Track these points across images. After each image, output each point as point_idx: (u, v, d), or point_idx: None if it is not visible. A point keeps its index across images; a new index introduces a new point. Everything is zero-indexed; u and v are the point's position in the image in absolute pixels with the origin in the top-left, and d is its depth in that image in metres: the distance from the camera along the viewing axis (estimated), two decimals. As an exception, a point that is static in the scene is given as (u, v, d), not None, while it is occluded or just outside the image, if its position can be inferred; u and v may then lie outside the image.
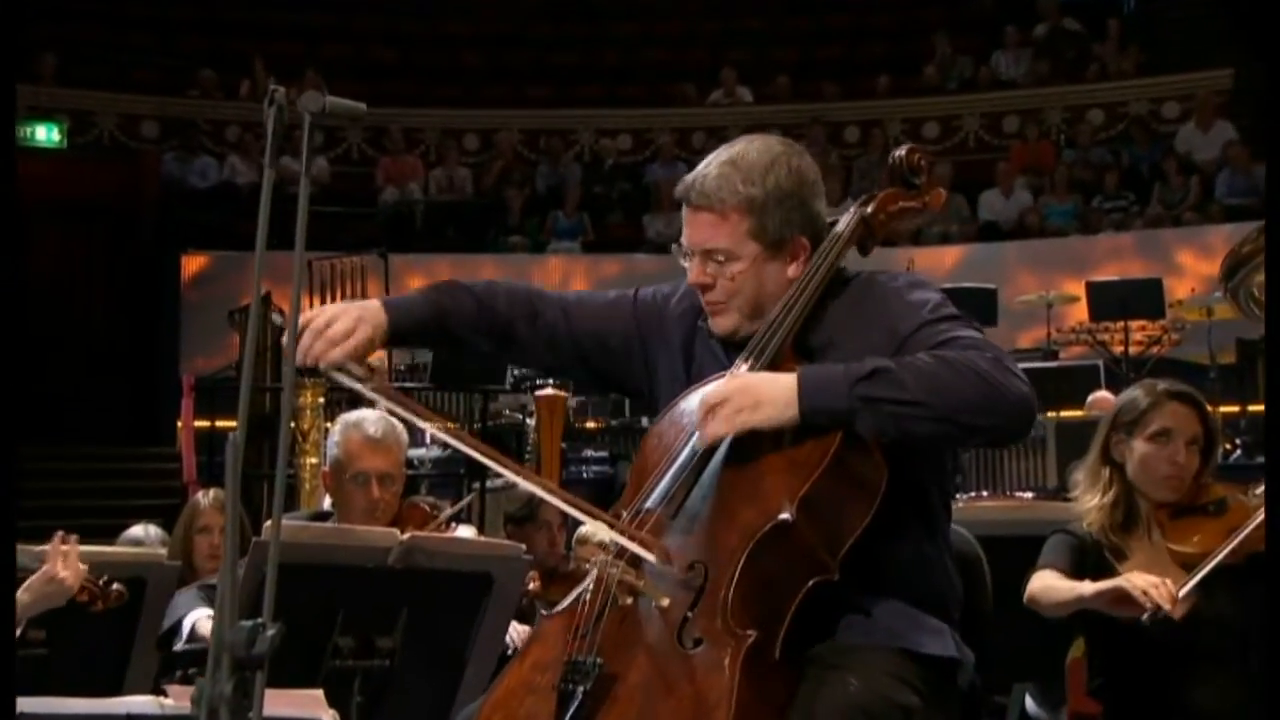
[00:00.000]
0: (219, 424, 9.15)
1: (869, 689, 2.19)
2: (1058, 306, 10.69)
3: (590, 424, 9.65)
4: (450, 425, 2.47)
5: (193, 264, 12.14)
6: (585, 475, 9.14)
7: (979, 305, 10.21)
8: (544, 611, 2.39)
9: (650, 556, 2.22)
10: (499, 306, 2.55)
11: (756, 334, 2.38)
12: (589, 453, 9.61)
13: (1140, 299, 10.12)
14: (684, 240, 2.43)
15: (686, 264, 2.44)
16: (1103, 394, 7.73)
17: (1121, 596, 2.98)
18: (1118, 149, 13.52)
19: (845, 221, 2.48)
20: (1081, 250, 12.23)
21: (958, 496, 6.79)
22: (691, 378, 2.48)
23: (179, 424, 9.16)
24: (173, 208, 12.65)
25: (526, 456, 7.67)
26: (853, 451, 2.21)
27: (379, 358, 10.48)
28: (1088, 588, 3.07)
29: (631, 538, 2.24)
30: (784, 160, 2.42)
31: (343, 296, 9.90)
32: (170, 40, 14.35)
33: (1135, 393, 3.35)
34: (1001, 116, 14.19)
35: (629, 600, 2.24)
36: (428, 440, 9.86)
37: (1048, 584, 3.15)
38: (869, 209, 2.51)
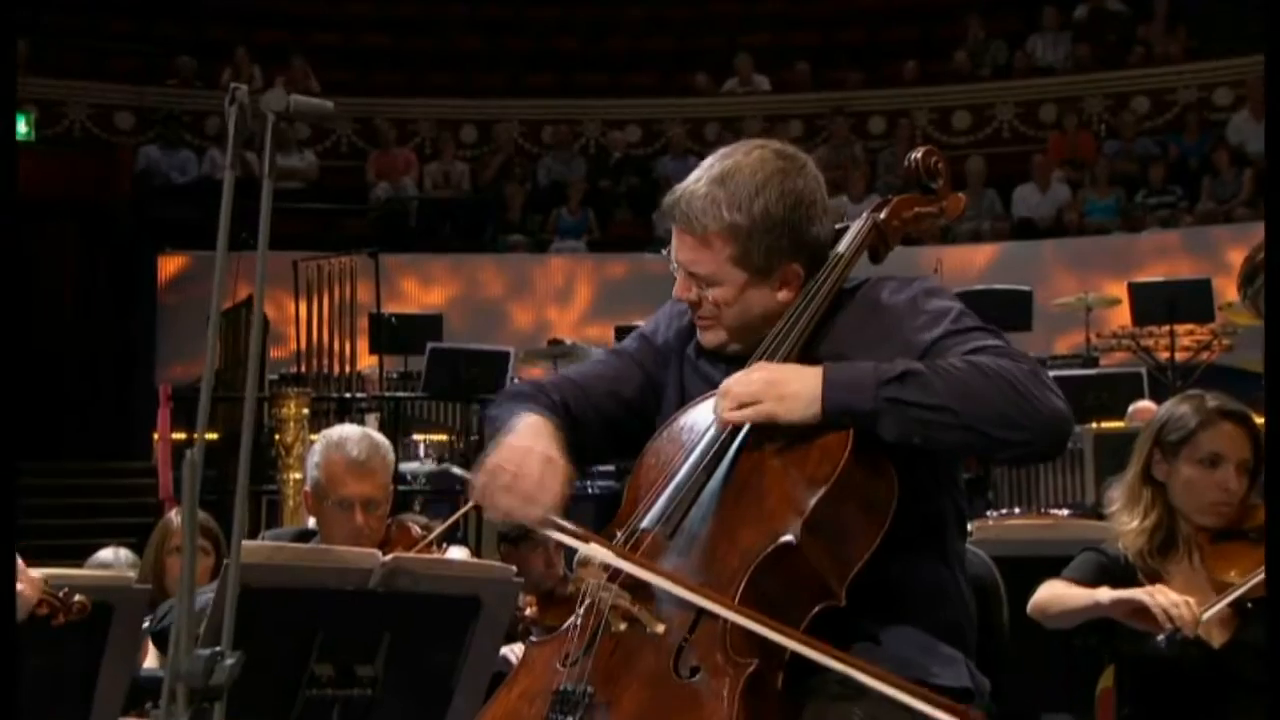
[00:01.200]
0: (198, 436, 9.17)
1: (878, 718, 2.19)
2: (1098, 309, 10.69)
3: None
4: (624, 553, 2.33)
5: (170, 265, 12.19)
6: (591, 491, 9.16)
7: (1012, 308, 10.23)
8: (533, 638, 2.41)
9: (650, 577, 2.23)
10: (556, 397, 2.53)
11: (761, 345, 2.40)
12: (595, 468, 9.63)
13: (1187, 301, 10.11)
14: (674, 255, 2.46)
15: (675, 273, 2.48)
16: (1145, 404, 7.72)
17: (1140, 610, 2.99)
18: (1164, 140, 13.51)
19: (857, 227, 2.51)
20: (1124, 249, 12.22)
21: (987, 514, 6.81)
22: (685, 397, 2.51)
23: (155, 436, 9.20)
24: (149, 204, 12.70)
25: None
26: (862, 470, 2.23)
27: (370, 365, 10.53)
28: (1105, 594, 3.07)
29: (626, 559, 2.26)
30: (778, 182, 2.41)
31: (331, 299, 9.93)
32: (147, 25, 14.42)
33: (1182, 409, 3.30)
34: (1038, 105, 14.19)
35: (622, 626, 2.26)
36: (421, 454, 9.91)
37: (1057, 592, 3.15)
38: (883, 214, 2.53)
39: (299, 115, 1.96)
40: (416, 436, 10.12)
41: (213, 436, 9.46)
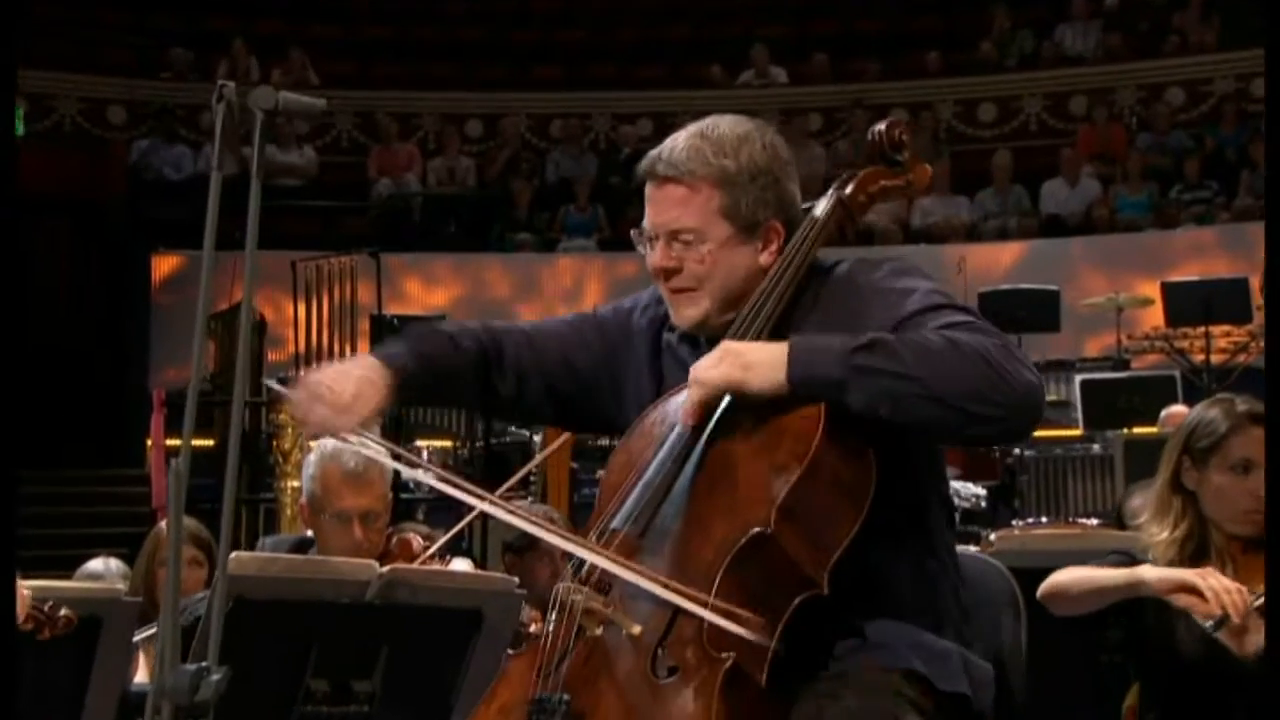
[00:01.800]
0: (194, 442, 9.20)
1: (871, 709, 2.22)
2: (1130, 310, 10.68)
3: (604, 441, 9.69)
4: (492, 498, 2.49)
5: (164, 265, 12.22)
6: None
7: (1040, 308, 10.23)
8: (509, 650, 2.43)
9: (620, 570, 2.25)
10: (469, 345, 2.61)
11: (731, 328, 2.42)
12: (603, 473, 9.66)
13: (1224, 301, 10.09)
14: (646, 223, 2.48)
15: (648, 250, 2.48)
16: (1179, 409, 7.71)
17: (1188, 589, 2.97)
18: (1199, 132, 13.48)
19: (822, 206, 2.51)
20: (1157, 247, 12.21)
21: (1013, 523, 6.81)
22: (660, 392, 2.53)
23: (148, 443, 9.22)
24: (142, 202, 12.73)
25: (532, 478, 7.71)
26: (835, 453, 2.24)
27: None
28: (1150, 572, 3.05)
29: (592, 552, 2.30)
30: (757, 135, 2.49)
31: (330, 300, 9.95)
32: (140, 16, 14.46)
33: (1211, 413, 3.28)
34: (1067, 97, 14.18)
35: (598, 630, 2.27)
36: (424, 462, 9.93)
37: (1084, 572, 3.14)
38: (847, 190, 2.54)
39: (289, 113, 1.98)
40: (420, 443, 10.14)
41: (209, 443, 9.50)
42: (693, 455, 2.33)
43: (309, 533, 3.83)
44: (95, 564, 5.03)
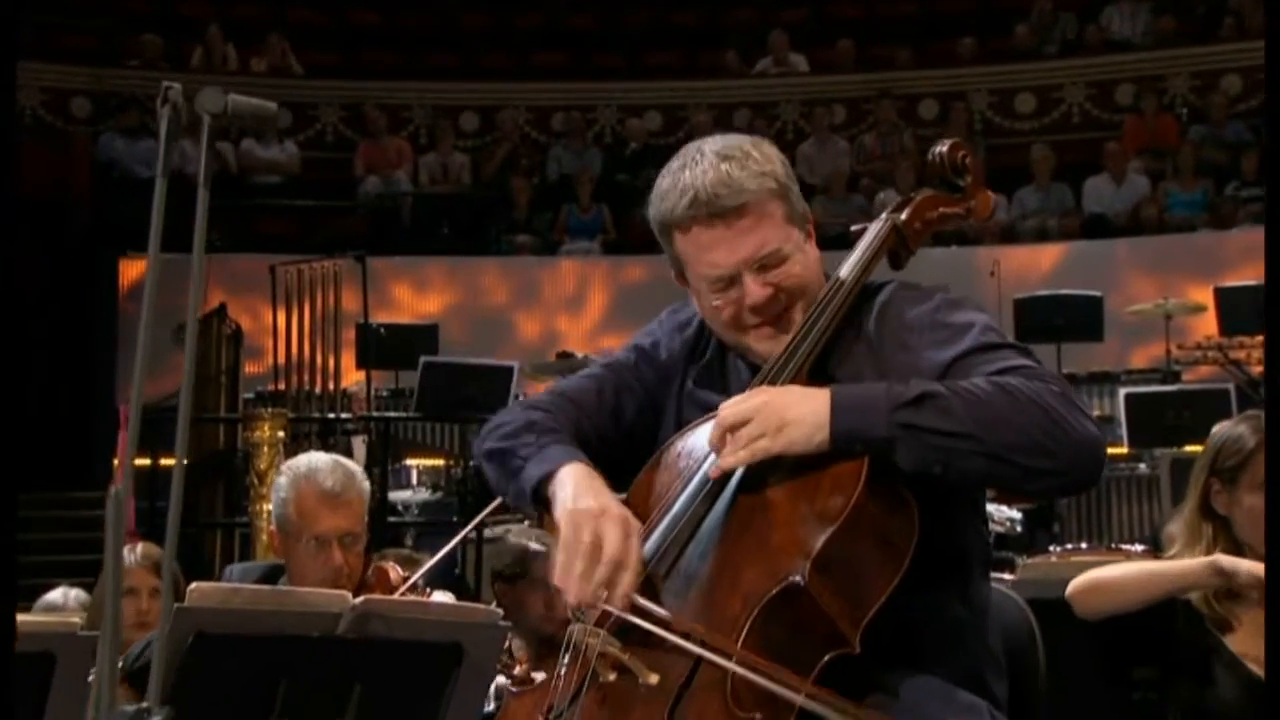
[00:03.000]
0: (165, 462, 9.24)
1: None
2: (1180, 317, 10.66)
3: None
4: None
5: (133, 269, 12.24)
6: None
7: (1081, 316, 10.24)
8: (512, 689, 2.43)
9: (641, 622, 2.25)
10: (565, 422, 2.57)
11: (765, 365, 2.44)
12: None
13: (1282, 308, 10.06)
14: (713, 268, 2.45)
15: (719, 297, 2.47)
16: (1232, 425, 7.70)
17: (1259, 584, 2.96)
18: (1258, 124, 13.47)
19: (875, 229, 2.55)
20: (1210, 248, 12.20)
21: (1050, 548, 6.80)
22: (683, 423, 2.55)
23: (115, 462, 9.25)
24: (109, 201, 12.77)
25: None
26: (878, 502, 2.25)
27: (356, 382, 10.57)
28: (1226, 561, 3.02)
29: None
30: (753, 140, 2.55)
31: (312, 308, 9.98)
32: (107, -1, 14.55)
33: (1239, 430, 3.29)
34: (1113, 86, 14.18)
35: (612, 676, 2.28)
36: (413, 481, 9.94)
37: (1128, 568, 3.14)
38: (903, 215, 2.57)
39: (238, 117, 1.99)
40: (409, 461, 10.16)
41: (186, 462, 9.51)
42: (724, 494, 2.34)
43: (280, 560, 3.85)
44: (54, 595, 5.05)
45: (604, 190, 13.69)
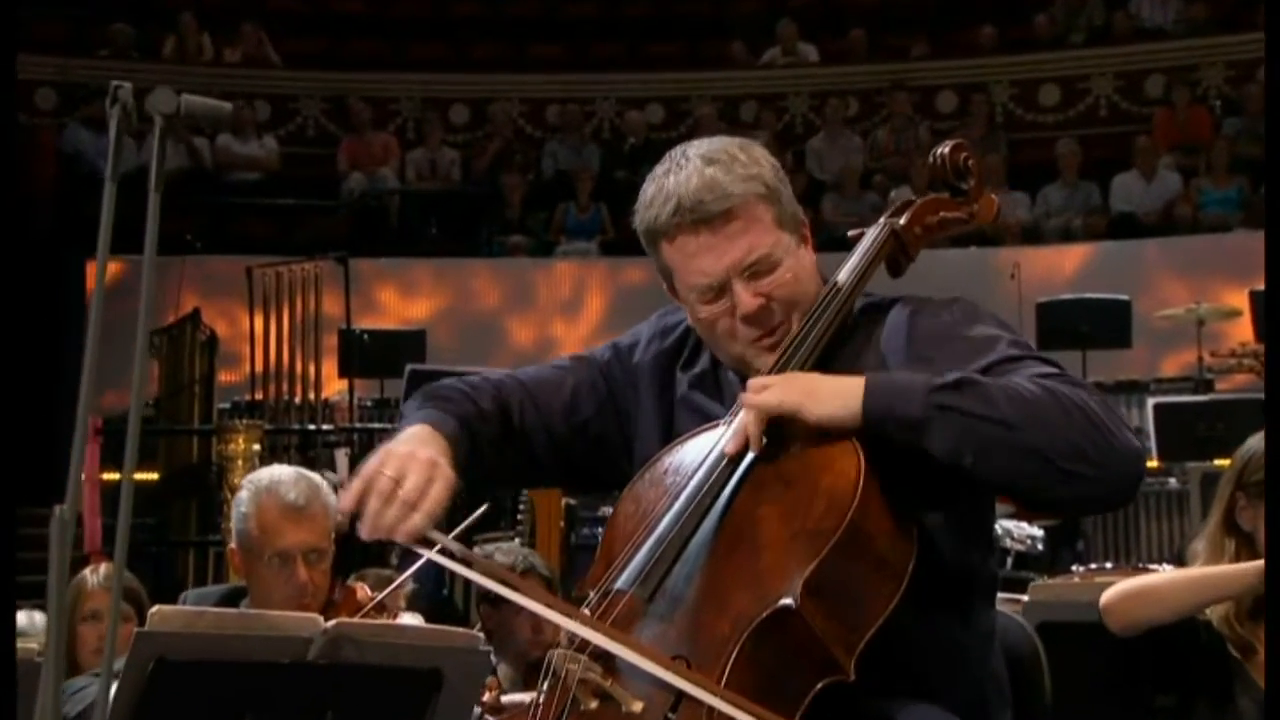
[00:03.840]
0: (136, 477, 9.24)
1: None
2: (1213, 323, 10.66)
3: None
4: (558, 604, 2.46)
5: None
6: (600, 538, 9.20)
7: (1108, 321, 10.25)
8: (489, 717, 2.44)
9: (621, 650, 2.26)
10: (488, 406, 2.61)
11: (771, 366, 2.45)
12: (606, 510, 9.65)
13: (1323, 312, 10.07)
14: (701, 276, 2.47)
15: (709, 308, 2.48)
16: (1267, 436, 7.69)
17: None
18: (1296, 117, 13.48)
19: (873, 235, 2.56)
20: (1246, 249, 12.13)
21: (1074, 569, 6.80)
22: (671, 436, 2.55)
23: (82, 477, 9.27)
24: (76, 198, 12.78)
25: (519, 515, 7.73)
26: (874, 521, 2.25)
27: (339, 391, 10.58)
28: None
29: (596, 627, 2.30)
30: (740, 142, 2.56)
31: (291, 312, 9.99)
32: (76, -15, 14.57)
33: (1265, 443, 3.30)
34: (1143, 76, 14.19)
35: (593, 704, 2.28)
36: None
37: (1172, 574, 3.14)
38: (903, 220, 2.58)
39: (192, 117, 2.01)
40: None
41: (151, 477, 9.53)
42: (712, 511, 2.35)
43: (241, 582, 3.86)
44: (19, 618, 5.05)
45: (602, 188, 13.69)
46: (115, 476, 9.00)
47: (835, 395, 2.29)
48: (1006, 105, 14.27)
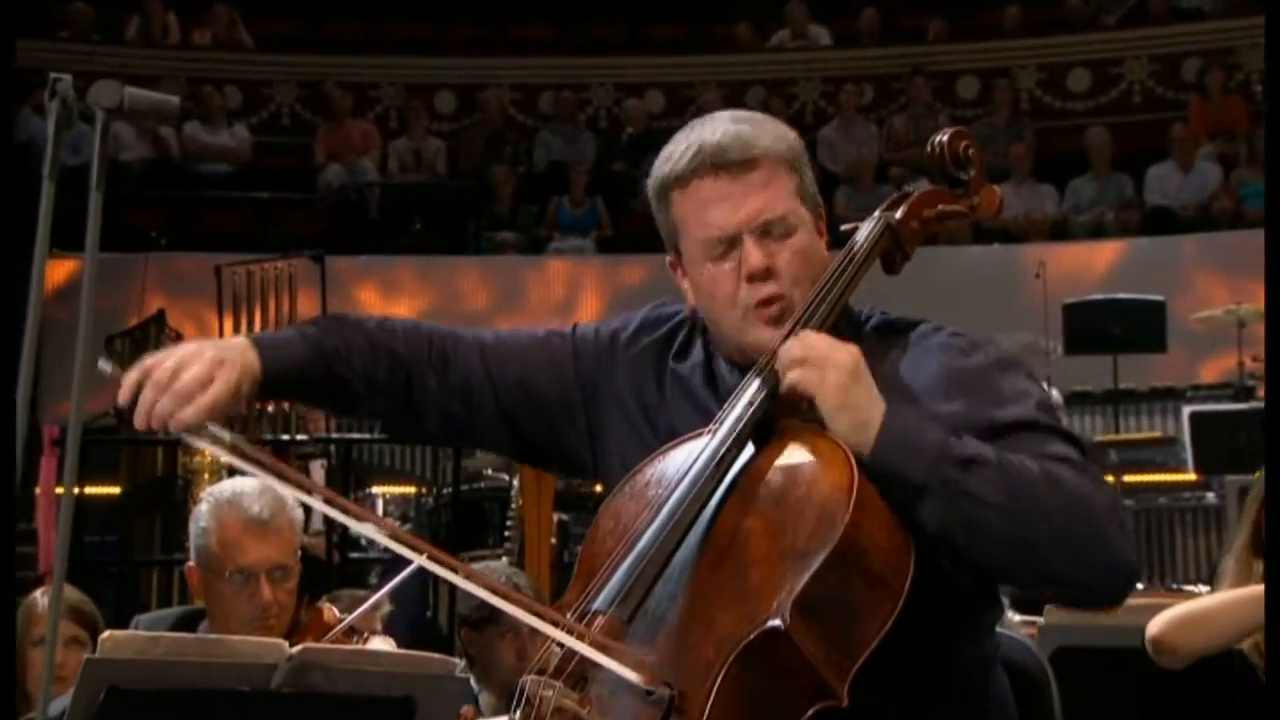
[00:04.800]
0: (93, 491, 9.25)
1: None
2: (1255, 325, 10.63)
3: (598, 488, 9.71)
4: (337, 500, 2.53)
5: (59, 270, 12.23)
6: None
7: (1141, 323, 10.24)
8: (465, 746, 2.45)
9: (609, 663, 2.27)
10: (398, 348, 2.64)
11: (751, 371, 2.44)
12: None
13: (1373, 314, 10.05)
14: (716, 228, 2.50)
15: (713, 267, 2.51)
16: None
17: None
18: (1343, 103, 13.48)
19: (866, 230, 2.57)
20: (1290, 246, 12.19)
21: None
22: (661, 436, 2.55)
23: (36, 491, 9.27)
24: (32, 192, 12.79)
25: (508, 530, 7.75)
26: (869, 537, 2.26)
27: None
28: None
29: (577, 631, 2.31)
30: (775, 120, 2.61)
31: (263, 314, 10.00)
32: (32, -36, 14.59)
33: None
34: (1179, 60, 14.20)
35: None
36: (380, 511, 9.95)
37: (1221, 596, 3.13)
38: (898, 214, 2.59)
39: (136, 112, 2.03)
40: (375, 489, 10.17)
41: (112, 491, 9.54)
42: (696, 526, 2.36)
43: (199, 604, 3.86)
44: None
45: (599, 180, 13.71)
46: (75, 491, 9.00)
47: (856, 419, 2.31)
48: (1032, 91, 14.28)
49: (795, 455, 2.35)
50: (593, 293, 12.91)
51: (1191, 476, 9.67)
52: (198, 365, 2.43)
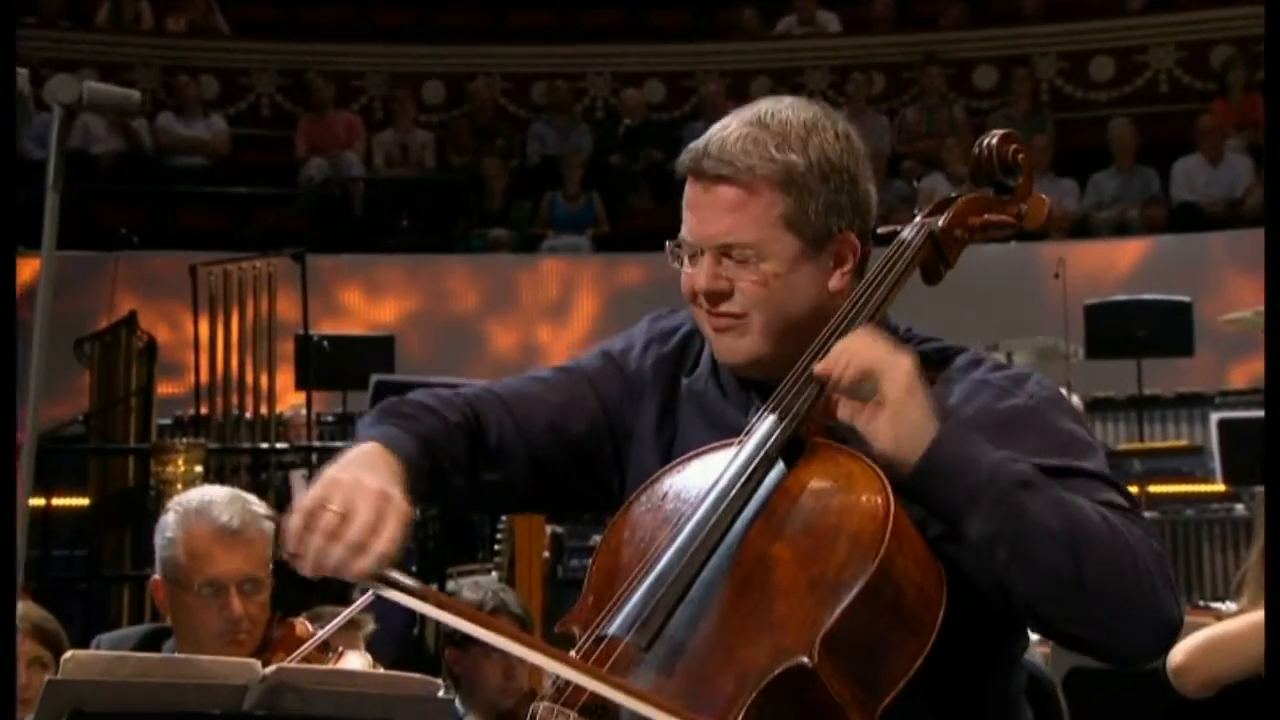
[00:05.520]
0: (60, 502, 9.24)
1: None
2: (1286, 327, 10.66)
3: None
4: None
5: (27, 268, 12.20)
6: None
7: (1167, 325, 10.25)
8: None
9: (616, 695, 2.26)
10: (456, 418, 2.59)
11: (783, 384, 2.42)
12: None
13: None
14: (687, 233, 2.49)
15: (686, 267, 2.50)
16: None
17: None
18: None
19: (908, 237, 2.53)
20: (1324, 244, 12.20)
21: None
22: (673, 452, 2.54)
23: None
24: (-2, 189, 12.83)
25: (497, 545, 7.74)
26: (902, 568, 2.24)
27: (295, 405, 10.58)
28: None
29: (582, 668, 2.28)
30: (828, 121, 2.53)
31: (241, 316, 9.99)
32: (-2, -53, 14.59)
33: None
34: (1208, 47, 14.21)
35: None
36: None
37: (1246, 619, 3.13)
38: (942, 221, 2.54)
39: (94, 107, 2.03)
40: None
41: (81, 502, 9.53)
42: (721, 548, 2.33)
43: (165, 623, 3.86)
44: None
45: (595, 175, 13.72)
46: (40, 502, 9.01)
47: (908, 423, 2.28)
48: (1053, 81, 14.29)
49: (827, 478, 2.33)
50: (589, 293, 12.90)
51: (1220, 487, 9.67)
52: (365, 508, 2.33)
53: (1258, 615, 3.20)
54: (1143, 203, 13.05)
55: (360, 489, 2.34)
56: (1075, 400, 10.30)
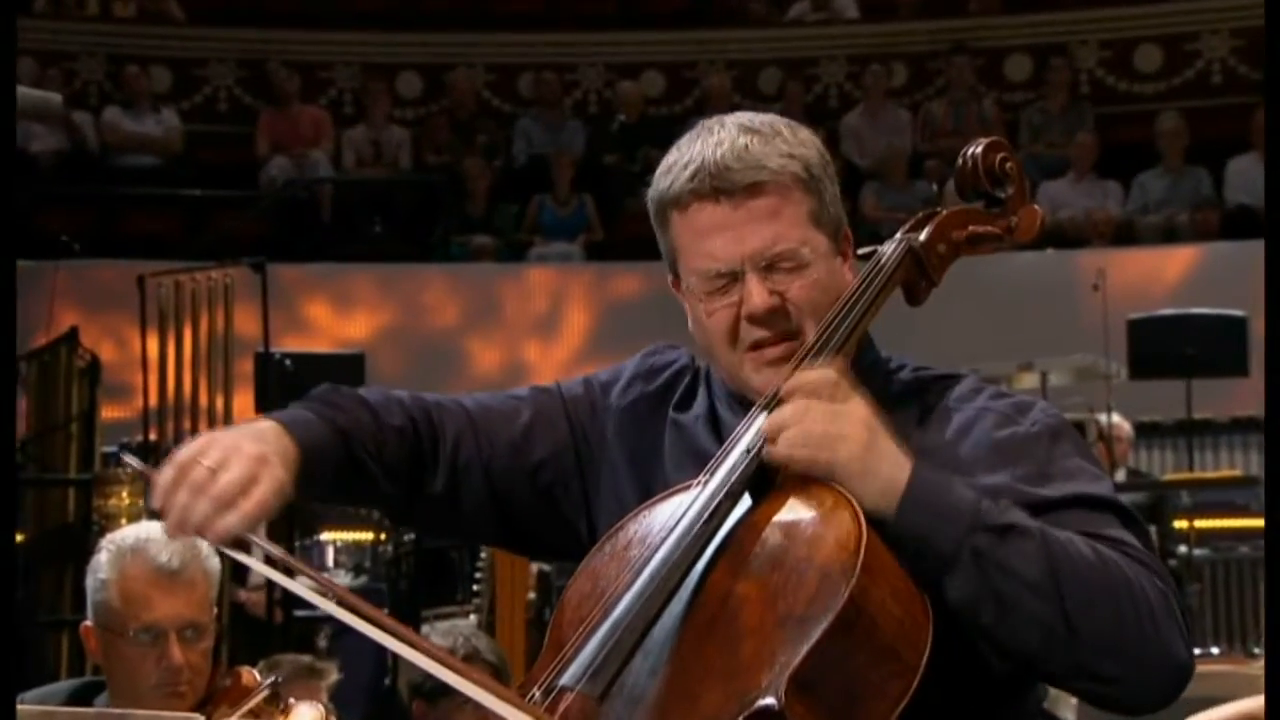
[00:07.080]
0: (-4, 538, 9.24)
1: None
2: (1351, 344, 10.67)
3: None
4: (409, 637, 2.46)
5: (-43, 282, 12.32)
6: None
7: (1219, 341, 10.24)
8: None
9: None
10: (397, 421, 2.63)
11: (751, 412, 2.44)
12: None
13: None
14: (712, 261, 2.50)
15: (710, 301, 2.52)
16: None
17: None
18: None
19: (887, 254, 2.57)
20: (1394, 252, 12.20)
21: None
22: (655, 494, 2.54)
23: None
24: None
25: (476, 585, 7.74)
26: (879, 601, 2.25)
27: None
28: None
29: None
30: (784, 120, 2.62)
31: (194, 331, 9.99)
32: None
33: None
34: (1264, 34, 14.18)
35: None
36: (330, 562, 9.95)
37: (1254, 701, 3.14)
38: (923, 236, 2.58)
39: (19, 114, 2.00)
40: (325, 536, 10.17)
41: (16, 538, 9.53)
42: (682, 590, 2.35)
43: (97, 676, 3.85)
44: None
45: (587, 176, 13.77)
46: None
47: (874, 477, 2.30)
48: (1094, 72, 14.32)
49: (796, 510, 2.34)
50: (580, 307, 12.92)
51: (1277, 521, 9.64)
52: (238, 464, 2.39)
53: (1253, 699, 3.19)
54: (1193, 206, 13.08)
55: (238, 450, 2.40)
56: (1122, 423, 10.31)
